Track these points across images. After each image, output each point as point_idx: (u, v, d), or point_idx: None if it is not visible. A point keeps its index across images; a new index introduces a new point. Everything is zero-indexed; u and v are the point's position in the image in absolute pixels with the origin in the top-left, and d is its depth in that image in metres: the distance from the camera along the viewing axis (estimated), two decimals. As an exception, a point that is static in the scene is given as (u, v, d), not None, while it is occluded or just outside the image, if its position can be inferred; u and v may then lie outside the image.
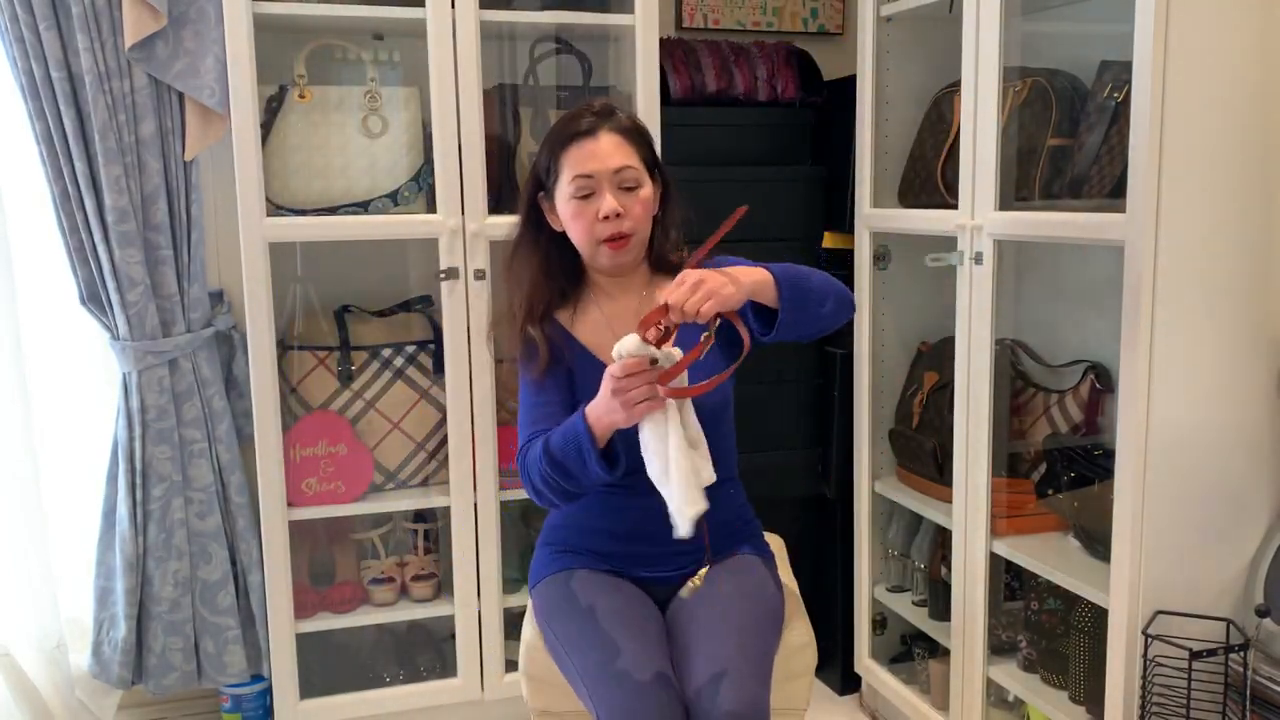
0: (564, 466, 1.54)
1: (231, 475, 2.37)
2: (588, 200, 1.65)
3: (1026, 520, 2.05)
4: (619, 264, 1.70)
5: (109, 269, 2.21)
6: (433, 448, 2.40)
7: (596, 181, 1.65)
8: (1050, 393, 2.15)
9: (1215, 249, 1.64)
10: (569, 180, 1.66)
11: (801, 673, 1.74)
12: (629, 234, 1.67)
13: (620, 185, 1.66)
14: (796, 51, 2.63)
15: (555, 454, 1.54)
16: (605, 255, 1.68)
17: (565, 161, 1.66)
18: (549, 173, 1.70)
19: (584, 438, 1.50)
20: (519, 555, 2.49)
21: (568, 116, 1.70)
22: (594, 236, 1.67)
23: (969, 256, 2.00)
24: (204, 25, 2.20)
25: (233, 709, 2.46)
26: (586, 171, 1.64)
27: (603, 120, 1.67)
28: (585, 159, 1.65)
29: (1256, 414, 1.70)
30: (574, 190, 1.65)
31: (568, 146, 1.66)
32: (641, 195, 1.68)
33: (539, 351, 1.68)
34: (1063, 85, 1.96)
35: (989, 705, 2.13)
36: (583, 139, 1.65)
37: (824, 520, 2.65)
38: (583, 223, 1.66)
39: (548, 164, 1.70)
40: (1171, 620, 1.66)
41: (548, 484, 1.57)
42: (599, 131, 1.66)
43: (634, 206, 1.67)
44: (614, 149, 1.65)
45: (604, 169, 1.64)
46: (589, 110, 1.69)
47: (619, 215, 1.64)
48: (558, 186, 1.68)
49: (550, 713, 1.74)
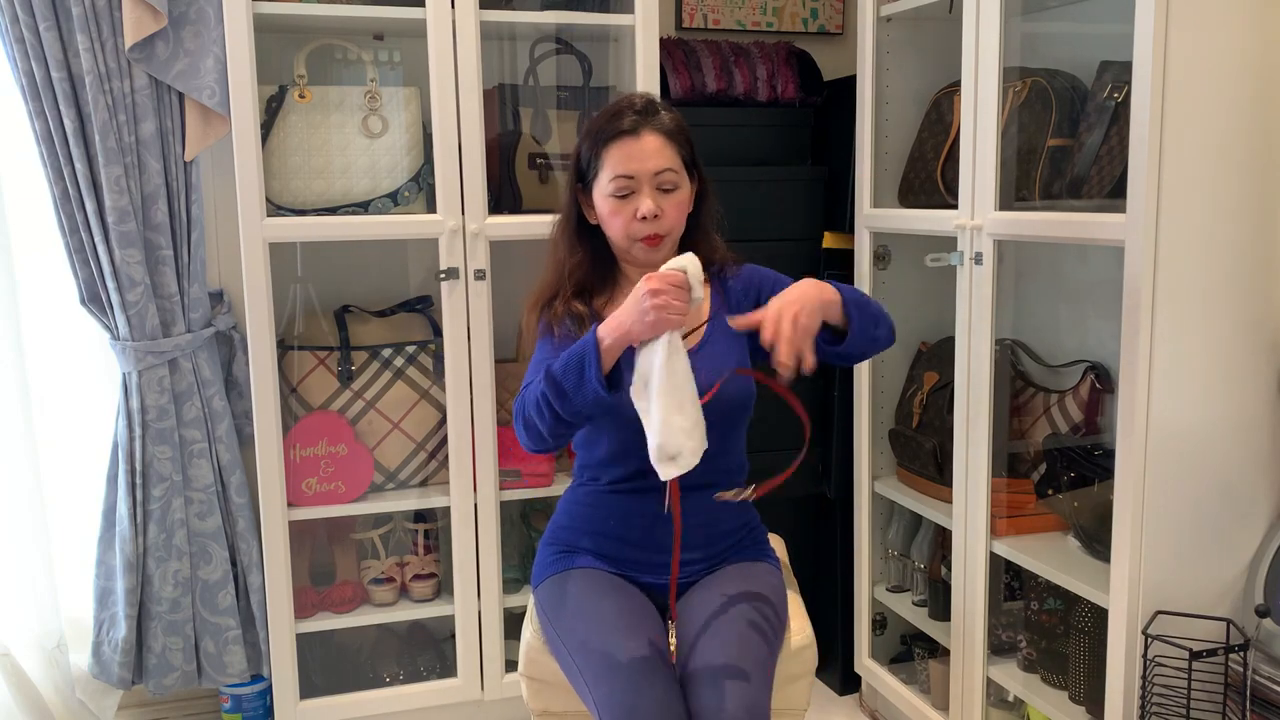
0: (560, 386, 1.51)
1: (231, 475, 2.37)
2: (626, 200, 1.67)
3: (1026, 520, 2.05)
4: (652, 260, 1.72)
5: (109, 269, 2.21)
6: (433, 448, 2.40)
7: (637, 182, 1.66)
8: (1050, 393, 2.15)
9: (1215, 249, 1.64)
10: (609, 179, 1.67)
11: (802, 674, 1.74)
12: (664, 234, 1.69)
13: (659, 186, 1.67)
14: (796, 51, 2.63)
15: (555, 372, 1.52)
16: (640, 251, 1.70)
17: (607, 159, 1.67)
18: (590, 167, 1.71)
19: (590, 348, 1.49)
20: (519, 555, 2.49)
21: (611, 111, 1.70)
22: (630, 234, 1.69)
23: (969, 256, 2.00)
24: (204, 25, 2.20)
25: (233, 709, 2.46)
26: (628, 172, 1.66)
27: (646, 120, 1.67)
28: (627, 159, 1.66)
29: (1256, 414, 1.70)
30: (614, 189, 1.67)
31: (610, 144, 1.67)
32: (678, 197, 1.69)
33: (584, 327, 1.68)
34: (1062, 85, 1.96)
35: (989, 705, 2.13)
36: (626, 138, 1.66)
37: (824, 520, 2.65)
38: (620, 221, 1.68)
39: (589, 158, 1.71)
40: (1171, 620, 1.66)
41: (540, 410, 1.54)
42: (642, 131, 1.66)
43: (671, 208, 1.68)
44: (656, 150, 1.66)
45: (645, 170, 1.66)
46: (631, 107, 1.69)
47: (656, 217, 1.66)
48: (597, 181, 1.70)
49: (550, 713, 1.74)
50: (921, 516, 2.35)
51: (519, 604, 2.41)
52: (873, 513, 2.46)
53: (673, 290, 1.45)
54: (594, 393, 1.48)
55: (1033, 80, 1.98)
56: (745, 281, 1.78)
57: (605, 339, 1.49)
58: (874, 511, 2.46)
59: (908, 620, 2.41)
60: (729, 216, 1.81)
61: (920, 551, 2.40)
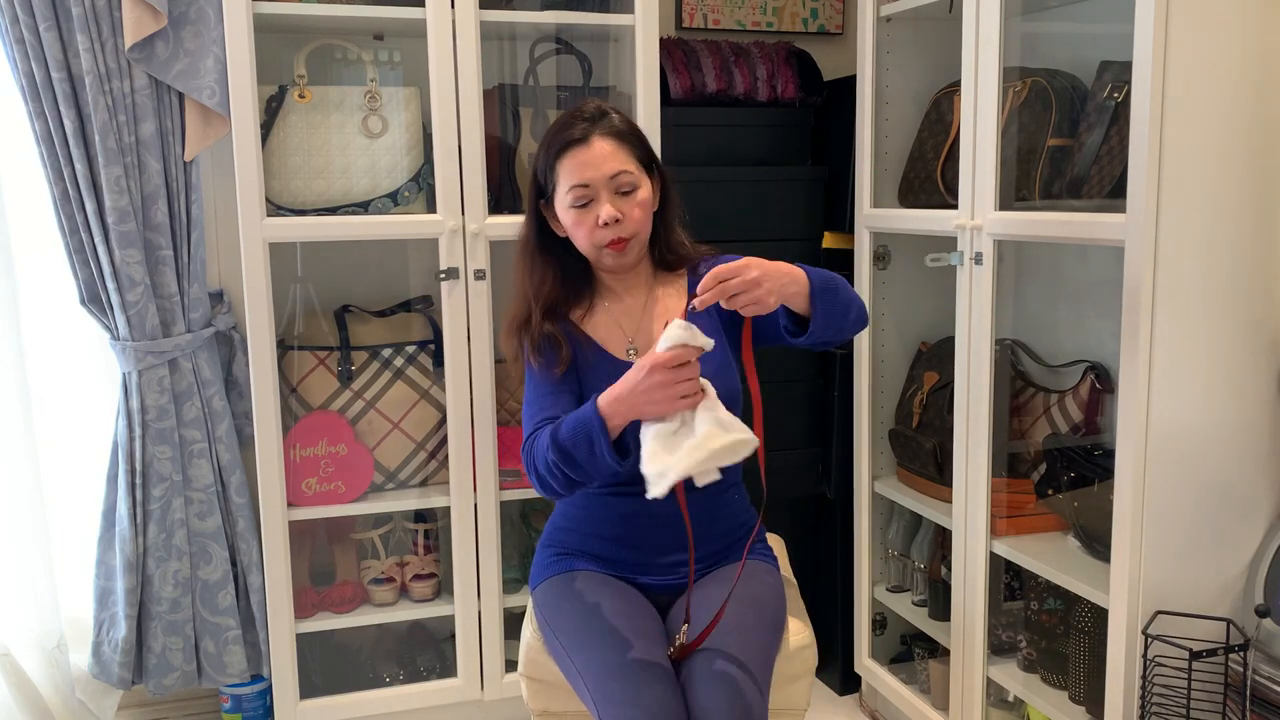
0: (571, 456, 1.53)
1: (231, 475, 2.37)
2: (587, 208, 1.67)
3: (1026, 520, 2.05)
4: (622, 264, 1.72)
5: (109, 269, 2.21)
6: (433, 448, 2.40)
7: (594, 189, 1.66)
8: (1050, 393, 2.15)
9: (1215, 249, 1.64)
10: (566, 189, 1.67)
11: (802, 674, 1.74)
12: (629, 237, 1.68)
13: (617, 190, 1.66)
14: (796, 51, 2.63)
15: (564, 443, 1.54)
16: (608, 257, 1.70)
17: (561, 171, 1.67)
18: (548, 181, 1.71)
19: (595, 427, 1.50)
20: (519, 555, 2.49)
21: (561, 123, 1.70)
22: (595, 242, 1.68)
23: (969, 256, 2.00)
24: (204, 25, 2.20)
25: (233, 709, 2.46)
26: (583, 180, 1.65)
27: (595, 126, 1.67)
28: (580, 168, 1.65)
29: (1256, 414, 1.70)
30: (572, 199, 1.66)
31: (563, 155, 1.67)
32: (639, 197, 1.68)
33: (560, 349, 1.69)
34: (1062, 85, 1.96)
35: (989, 705, 2.13)
36: (576, 147, 1.66)
37: (824, 520, 2.65)
38: (583, 230, 1.68)
39: (545, 172, 1.70)
40: (1171, 620, 1.66)
41: (553, 473, 1.57)
42: (592, 138, 1.66)
43: (632, 210, 1.68)
44: (608, 155, 1.66)
45: (599, 176, 1.65)
46: (581, 116, 1.69)
47: (618, 221, 1.66)
48: (556, 194, 1.70)
49: (550, 713, 1.74)
50: (921, 516, 2.35)
51: (519, 604, 2.41)
52: (873, 513, 2.46)
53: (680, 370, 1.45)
54: (608, 467, 1.51)
55: (1033, 80, 1.98)
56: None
57: (612, 418, 1.49)
58: (874, 511, 2.46)
59: (908, 620, 2.41)
60: (729, 216, 1.81)
61: (920, 551, 2.40)
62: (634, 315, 1.74)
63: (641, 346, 1.72)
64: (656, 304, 1.76)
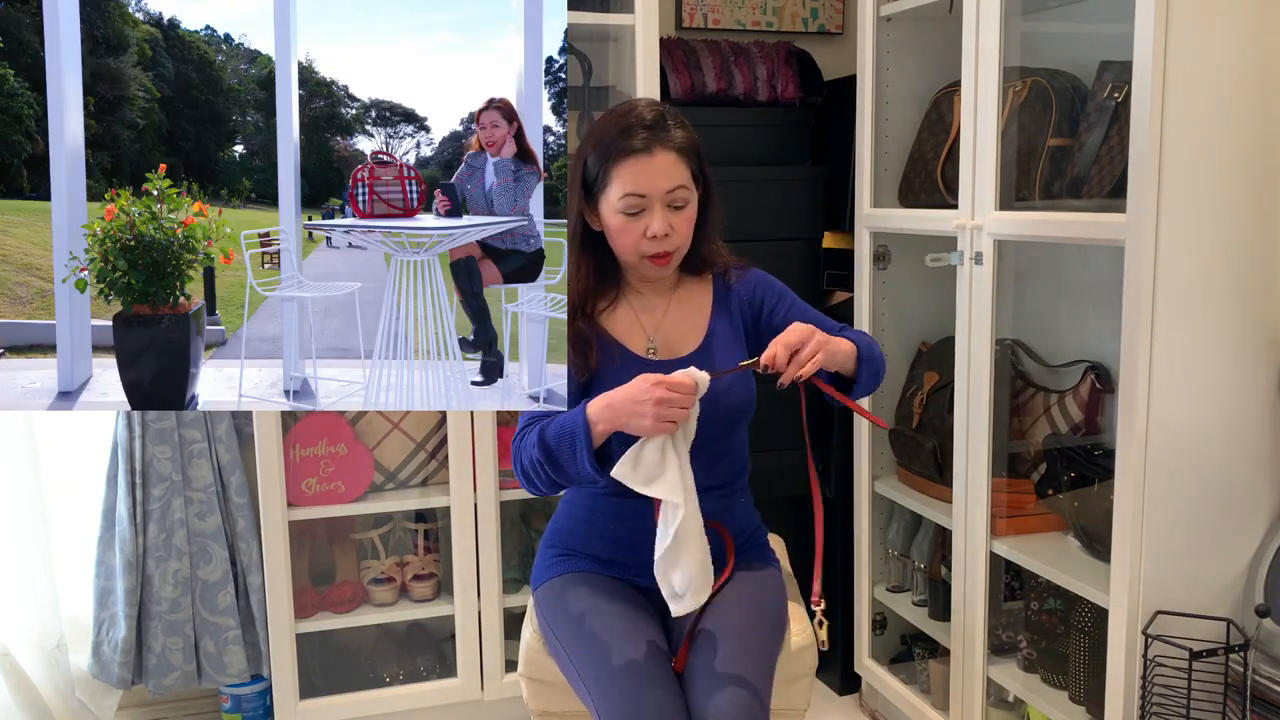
0: (554, 456, 1.55)
1: (231, 475, 2.37)
2: (637, 217, 1.62)
3: (1026, 520, 2.05)
4: (660, 275, 1.71)
5: (109, 269, 2.21)
6: (433, 448, 2.40)
7: (649, 200, 1.61)
8: (1050, 393, 2.15)
9: (1215, 249, 1.64)
10: (619, 195, 1.61)
11: (802, 674, 1.74)
12: (673, 251, 1.66)
13: (670, 204, 1.63)
14: (796, 51, 2.63)
15: (549, 442, 1.55)
16: (648, 268, 1.67)
17: (616, 175, 1.61)
18: (597, 180, 1.65)
19: (580, 431, 1.51)
20: (519, 555, 2.49)
21: (621, 126, 1.63)
22: (640, 252, 1.65)
23: (969, 256, 2.00)
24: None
25: (233, 709, 2.46)
26: (640, 191, 1.61)
27: (657, 136, 1.61)
28: (638, 178, 1.60)
29: (1256, 414, 1.70)
30: (624, 206, 1.62)
31: (621, 161, 1.61)
32: (688, 213, 1.66)
33: (590, 354, 1.68)
34: (1063, 85, 1.96)
35: (989, 705, 2.13)
36: (638, 156, 1.60)
37: (824, 520, 2.64)
38: (630, 238, 1.64)
39: (597, 172, 1.64)
40: (1171, 620, 1.66)
41: (536, 470, 1.58)
42: (655, 149, 1.61)
43: (681, 225, 1.65)
44: (668, 169, 1.61)
45: (657, 190, 1.61)
46: (642, 123, 1.62)
47: (667, 235, 1.63)
48: (605, 195, 1.64)
49: (550, 713, 1.74)
50: (921, 516, 2.35)
51: (519, 604, 2.41)
52: (873, 513, 2.46)
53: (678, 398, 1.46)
54: (586, 473, 1.53)
55: (1033, 80, 1.98)
56: (750, 289, 1.76)
57: (598, 424, 1.51)
58: (874, 511, 2.46)
59: (908, 620, 2.41)
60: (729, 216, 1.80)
61: (920, 551, 2.40)
62: (655, 314, 1.74)
63: (661, 345, 1.71)
64: (679, 304, 1.75)
